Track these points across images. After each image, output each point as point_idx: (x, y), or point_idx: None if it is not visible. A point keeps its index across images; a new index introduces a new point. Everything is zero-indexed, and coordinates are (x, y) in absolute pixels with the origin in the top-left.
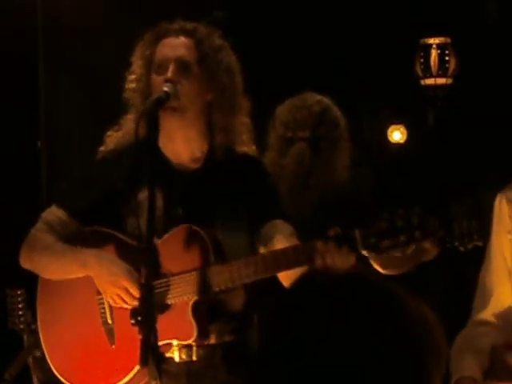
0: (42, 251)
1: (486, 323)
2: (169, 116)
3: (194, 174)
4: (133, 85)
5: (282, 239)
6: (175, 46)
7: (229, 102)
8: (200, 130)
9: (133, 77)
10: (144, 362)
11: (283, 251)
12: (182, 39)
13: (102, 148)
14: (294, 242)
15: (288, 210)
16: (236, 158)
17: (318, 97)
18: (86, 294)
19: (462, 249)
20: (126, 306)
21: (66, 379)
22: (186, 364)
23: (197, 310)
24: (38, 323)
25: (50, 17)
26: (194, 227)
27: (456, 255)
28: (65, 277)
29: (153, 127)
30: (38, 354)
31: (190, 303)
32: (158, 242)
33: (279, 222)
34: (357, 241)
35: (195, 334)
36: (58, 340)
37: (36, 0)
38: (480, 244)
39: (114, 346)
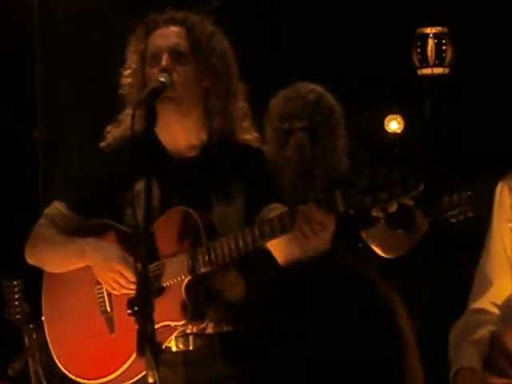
0: (43, 245)
1: (484, 311)
2: (166, 106)
3: (190, 162)
4: (129, 80)
5: None
6: (167, 35)
7: (224, 87)
8: (197, 118)
9: (128, 72)
10: (141, 352)
11: (269, 220)
12: (173, 28)
13: (103, 143)
14: None
15: (294, 200)
16: (236, 147)
17: (311, 85)
18: (86, 284)
19: (453, 220)
20: (123, 290)
21: (68, 370)
22: (183, 353)
23: (190, 290)
24: (44, 316)
25: (46, 11)
26: (187, 209)
27: (452, 244)
28: (66, 268)
29: (150, 117)
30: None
31: (184, 284)
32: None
33: (277, 206)
34: (337, 201)
35: (188, 315)
36: (62, 332)
37: None
38: (471, 215)
39: (113, 335)
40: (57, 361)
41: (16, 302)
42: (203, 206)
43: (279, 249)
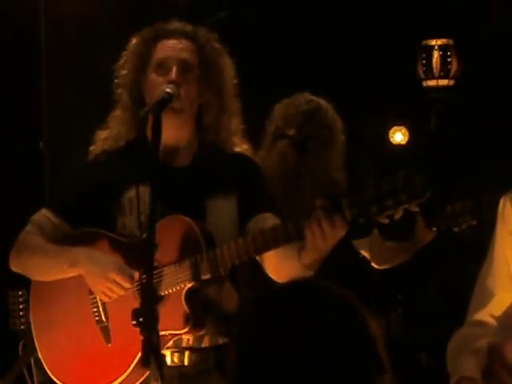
0: (32, 253)
1: (484, 324)
2: (168, 116)
3: (183, 171)
4: (122, 80)
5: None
6: (178, 48)
7: (223, 104)
8: (191, 129)
9: (123, 72)
10: (145, 362)
11: (272, 227)
12: (185, 42)
13: (92, 147)
14: None
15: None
16: (226, 157)
17: (311, 97)
18: (78, 294)
19: (456, 229)
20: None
21: (61, 381)
22: (178, 368)
23: (190, 298)
24: (32, 326)
25: (51, 20)
26: (183, 217)
27: (457, 250)
28: (56, 277)
29: (157, 128)
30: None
31: (184, 292)
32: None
33: (268, 216)
34: (344, 209)
35: (190, 323)
36: (53, 342)
37: (38, 2)
38: (474, 224)
39: (110, 345)
40: (49, 371)
41: (21, 313)
42: (197, 215)
43: (275, 267)
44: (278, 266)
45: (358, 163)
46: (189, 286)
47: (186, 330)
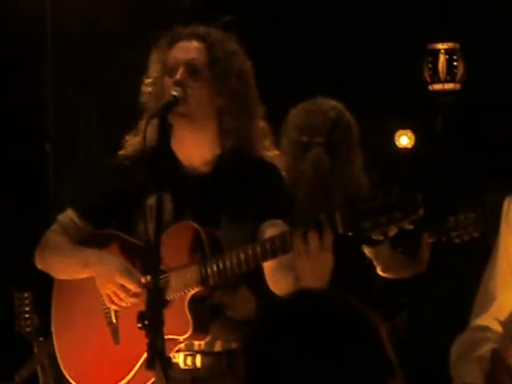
0: (52, 252)
1: (487, 329)
2: (178, 121)
3: (204, 178)
4: (149, 88)
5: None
6: (186, 49)
7: (240, 107)
8: (212, 134)
9: (149, 81)
10: (150, 365)
11: (271, 238)
12: (194, 43)
13: (121, 152)
14: None
15: (310, 215)
16: (250, 163)
17: (332, 102)
18: (93, 294)
19: (457, 240)
20: (122, 304)
21: (73, 379)
22: (191, 371)
23: (194, 304)
24: (52, 324)
25: (57, 21)
26: (192, 223)
27: (462, 254)
28: (71, 277)
29: (162, 131)
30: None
31: (187, 297)
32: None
33: (277, 222)
34: (337, 223)
35: (191, 329)
36: (69, 341)
37: (45, 2)
38: (476, 235)
39: (118, 346)
40: (63, 370)
41: (26, 315)
42: (213, 223)
43: (275, 280)
44: (274, 276)
45: (366, 169)
46: (193, 291)
47: (187, 335)
